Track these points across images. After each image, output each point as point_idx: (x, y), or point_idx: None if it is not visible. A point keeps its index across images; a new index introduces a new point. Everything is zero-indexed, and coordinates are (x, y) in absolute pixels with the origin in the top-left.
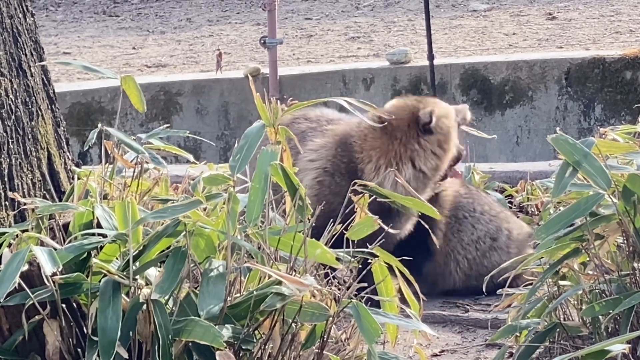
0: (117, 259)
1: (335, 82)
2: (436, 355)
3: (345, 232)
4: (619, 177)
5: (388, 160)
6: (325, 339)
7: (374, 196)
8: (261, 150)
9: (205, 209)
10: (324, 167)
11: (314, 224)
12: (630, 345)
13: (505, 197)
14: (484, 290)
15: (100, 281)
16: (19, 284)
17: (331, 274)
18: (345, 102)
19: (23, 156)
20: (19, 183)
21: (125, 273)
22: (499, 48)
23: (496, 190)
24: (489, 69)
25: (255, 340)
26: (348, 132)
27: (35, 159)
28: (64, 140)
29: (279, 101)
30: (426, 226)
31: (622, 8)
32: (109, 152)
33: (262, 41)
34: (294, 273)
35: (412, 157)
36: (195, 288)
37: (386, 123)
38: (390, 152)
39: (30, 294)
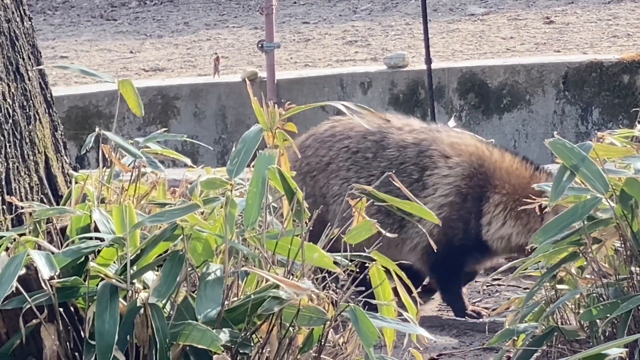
0: (114, 262)
1: (332, 86)
2: (434, 359)
3: (342, 235)
4: (616, 181)
5: (516, 199)
6: (322, 343)
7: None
8: (258, 154)
9: (202, 213)
10: (458, 187)
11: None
12: (627, 349)
13: None
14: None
15: (97, 285)
16: (17, 288)
17: (328, 277)
18: (343, 106)
19: (20, 160)
20: (17, 187)
21: (122, 277)
22: (496, 52)
23: None
24: (487, 72)
25: (252, 344)
26: (479, 154)
27: (33, 163)
28: (61, 144)
29: (276, 105)
30: (424, 230)
31: (619, 12)
32: (107, 156)
33: (260, 45)
34: (291, 277)
35: None
36: (193, 292)
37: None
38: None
39: (28, 298)
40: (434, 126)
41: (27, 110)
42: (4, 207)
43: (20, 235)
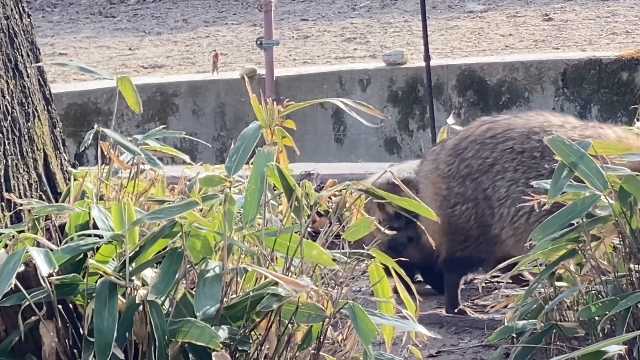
0: (113, 259)
1: (331, 83)
2: (432, 356)
3: (341, 233)
4: (615, 179)
5: None
6: (321, 340)
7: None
8: (257, 151)
9: (201, 210)
10: None
11: None
12: (626, 347)
13: None
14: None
15: (96, 282)
16: (15, 285)
17: (327, 275)
18: (342, 103)
19: (19, 157)
20: (15, 184)
21: (121, 274)
22: (495, 49)
23: None
24: (485, 70)
25: (251, 341)
26: None
27: (32, 160)
28: (60, 141)
29: (275, 102)
30: (422, 227)
31: (618, 9)
32: (105, 153)
33: (259, 42)
34: (290, 274)
35: None
36: (192, 289)
37: None
38: None
39: (27, 295)
40: (591, 123)
41: (26, 108)
42: (3, 204)
43: (19, 232)
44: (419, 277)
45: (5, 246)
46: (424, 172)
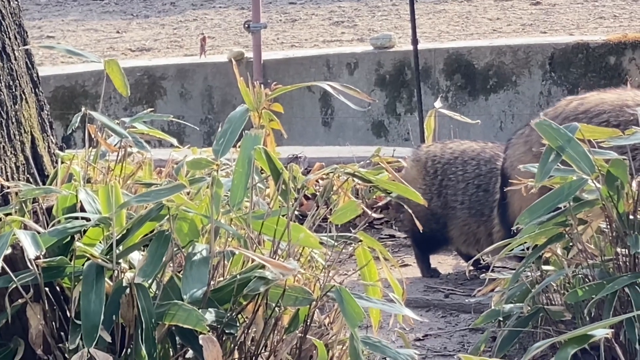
0: (100, 242)
1: (319, 67)
2: (419, 339)
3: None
4: (602, 162)
5: None
6: (308, 323)
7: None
8: (244, 135)
9: (188, 193)
10: None
11: None
12: (613, 330)
13: None
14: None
15: (83, 265)
16: (2, 268)
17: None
18: (329, 87)
19: (6, 140)
20: (2, 166)
21: (108, 257)
22: (482, 33)
23: None
24: (473, 53)
25: (238, 324)
26: None
27: (19, 143)
28: (47, 123)
29: (262, 85)
30: (409, 211)
31: None
32: (93, 136)
33: (246, 25)
34: (277, 257)
35: None
36: (179, 272)
37: None
38: None
39: (14, 278)
40: None
41: (14, 90)
42: None
43: (6, 215)
44: (407, 260)
45: None
46: (516, 156)
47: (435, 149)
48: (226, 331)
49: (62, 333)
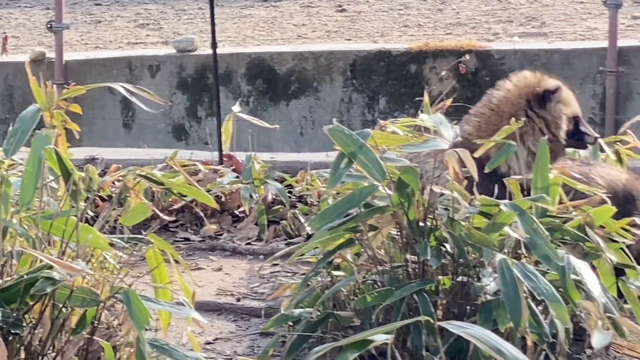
0: None
1: (121, 69)
2: (210, 342)
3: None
4: (394, 170)
5: None
6: (96, 325)
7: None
8: (35, 134)
9: None
10: None
11: None
12: (393, 336)
13: (285, 187)
14: None
15: None
16: None
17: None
18: (122, 88)
19: None
20: None
21: None
22: (287, 39)
23: (276, 180)
24: (275, 59)
25: (25, 325)
26: None
27: None
28: None
29: (57, 86)
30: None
31: (411, 2)
32: None
33: (49, 25)
34: (65, 258)
35: None
36: None
37: None
38: None
39: None
40: None
41: None
42: None
43: None
44: (201, 264)
45: None
46: None
47: None
48: (12, 331)
49: None
